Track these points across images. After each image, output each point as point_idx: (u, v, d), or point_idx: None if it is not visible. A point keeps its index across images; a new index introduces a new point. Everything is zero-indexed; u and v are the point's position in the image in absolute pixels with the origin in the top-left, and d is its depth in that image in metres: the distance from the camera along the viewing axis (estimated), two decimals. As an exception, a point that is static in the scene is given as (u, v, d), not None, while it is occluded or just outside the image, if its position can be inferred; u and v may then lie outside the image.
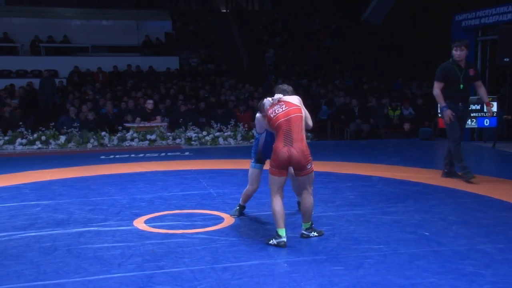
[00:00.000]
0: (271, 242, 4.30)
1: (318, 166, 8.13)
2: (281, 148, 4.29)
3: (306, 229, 4.50)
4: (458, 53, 6.68)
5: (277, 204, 4.34)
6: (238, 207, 5.29)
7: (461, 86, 6.71)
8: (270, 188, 4.41)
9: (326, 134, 13.25)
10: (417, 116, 12.50)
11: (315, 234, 4.50)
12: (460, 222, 4.92)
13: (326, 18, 21.65)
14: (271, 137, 4.68)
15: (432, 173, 7.48)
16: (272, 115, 4.42)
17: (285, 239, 4.26)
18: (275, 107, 4.47)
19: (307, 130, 4.56)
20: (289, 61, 18.50)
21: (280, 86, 4.76)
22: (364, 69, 18.06)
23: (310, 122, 4.61)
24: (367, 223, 4.91)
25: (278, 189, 4.37)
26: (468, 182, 6.64)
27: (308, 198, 4.45)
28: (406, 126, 12.03)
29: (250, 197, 5.25)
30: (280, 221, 4.30)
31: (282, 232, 4.28)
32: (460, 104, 6.79)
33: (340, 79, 16.86)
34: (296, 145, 4.28)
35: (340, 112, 13.27)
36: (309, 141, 11.45)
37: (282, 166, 4.32)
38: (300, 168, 4.35)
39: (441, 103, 6.78)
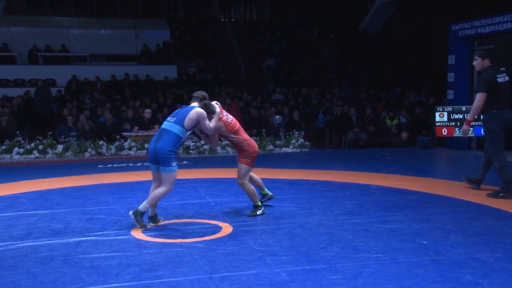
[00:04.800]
0: (258, 212, 5.56)
1: (316, 175, 8.18)
2: (253, 142, 5.67)
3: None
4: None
5: (251, 186, 5.62)
6: (141, 217, 5.07)
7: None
8: (244, 177, 5.51)
9: (324, 143, 13.26)
10: (415, 124, 12.53)
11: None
12: (458, 231, 4.92)
13: (324, 28, 21.75)
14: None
15: (430, 181, 7.49)
16: (230, 120, 5.55)
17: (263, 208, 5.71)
18: (224, 113, 5.57)
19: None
20: (287, 70, 18.56)
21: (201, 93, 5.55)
22: (362, 78, 18.12)
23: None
24: (365, 232, 4.90)
25: (249, 175, 5.62)
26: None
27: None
28: (404, 135, 12.05)
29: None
30: (257, 196, 5.64)
31: (260, 203, 5.67)
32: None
33: (338, 87, 16.90)
34: None
35: (338, 121, 13.29)
36: (307, 149, 11.65)
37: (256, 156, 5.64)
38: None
39: None
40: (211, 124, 5.28)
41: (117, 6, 20.49)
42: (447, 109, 11.24)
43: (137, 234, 4.95)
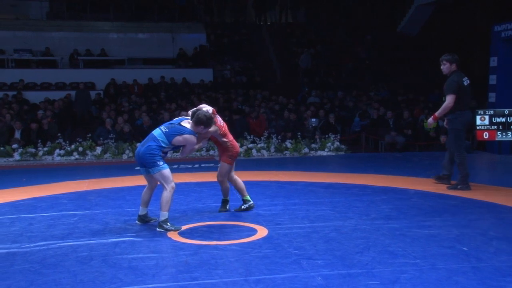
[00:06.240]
0: (243, 207, 5.91)
1: (352, 179, 8.08)
2: (236, 143, 5.93)
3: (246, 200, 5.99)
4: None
5: (239, 180, 5.94)
6: (168, 223, 5.15)
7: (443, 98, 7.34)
8: (225, 176, 5.80)
9: (360, 146, 13.10)
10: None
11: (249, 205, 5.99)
12: (501, 237, 4.77)
13: (361, 29, 21.51)
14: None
15: (470, 186, 7.28)
16: (222, 124, 5.77)
17: (252, 202, 5.99)
18: (218, 118, 5.78)
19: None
20: (323, 72, 18.44)
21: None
22: (400, 81, 17.83)
23: None
24: (402, 237, 4.81)
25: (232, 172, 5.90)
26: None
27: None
28: (443, 138, 11.77)
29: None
30: (245, 190, 5.95)
31: (249, 197, 5.97)
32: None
33: (375, 90, 16.68)
34: None
35: (374, 124, 13.12)
36: (342, 153, 11.54)
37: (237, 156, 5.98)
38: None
39: None
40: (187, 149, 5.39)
41: (154, 10, 20.82)
42: (488, 112, 10.96)
43: (173, 235, 5.00)
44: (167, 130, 5.29)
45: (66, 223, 5.55)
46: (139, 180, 8.21)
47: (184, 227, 5.28)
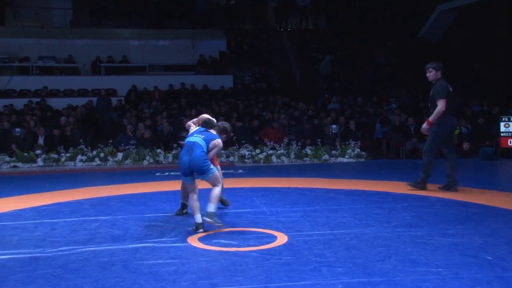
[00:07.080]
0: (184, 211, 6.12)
1: (373, 186, 8.02)
2: None
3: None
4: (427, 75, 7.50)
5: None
6: (217, 220, 5.33)
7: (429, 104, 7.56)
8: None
9: (381, 153, 12.99)
10: (477, 135, 12.06)
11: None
12: (526, 246, 4.67)
13: (382, 35, 21.38)
14: None
15: (494, 194, 7.17)
16: None
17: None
18: None
19: None
20: (343, 79, 18.36)
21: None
22: (421, 87, 17.65)
23: None
24: (424, 245, 4.74)
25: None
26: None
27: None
28: (466, 145, 11.63)
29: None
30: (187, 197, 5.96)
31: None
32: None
33: (396, 97, 16.54)
34: None
35: (396, 131, 13.00)
36: (363, 159, 11.44)
37: None
38: None
39: None
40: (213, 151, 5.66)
41: (175, 17, 21.00)
42: (513, 118, 10.79)
43: (194, 241, 5.01)
44: (203, 137, 5.53)
45: (88, 228, 5.61)
46: (160, 186, 8.29)
47: (204, 233, 5.29)
